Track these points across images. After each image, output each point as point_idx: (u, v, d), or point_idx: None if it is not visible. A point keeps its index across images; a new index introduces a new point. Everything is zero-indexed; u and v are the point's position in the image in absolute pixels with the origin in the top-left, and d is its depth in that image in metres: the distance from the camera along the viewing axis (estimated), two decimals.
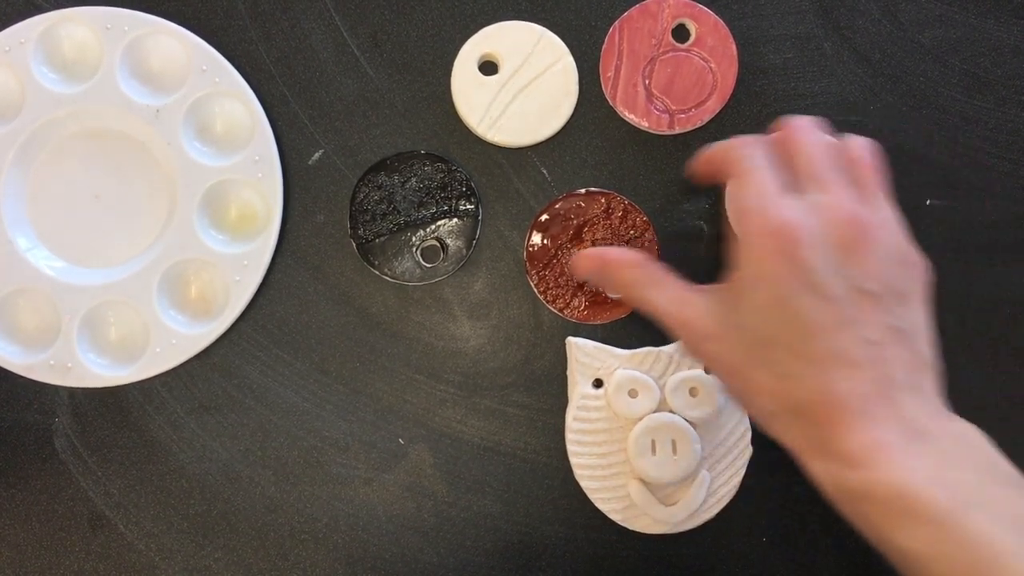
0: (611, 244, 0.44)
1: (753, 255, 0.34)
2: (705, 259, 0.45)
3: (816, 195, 0.34)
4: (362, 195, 0.44)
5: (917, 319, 0.34)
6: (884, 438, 0.31)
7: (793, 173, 0.35)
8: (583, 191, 0.44)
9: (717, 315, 0.35)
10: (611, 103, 0.45)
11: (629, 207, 0.44)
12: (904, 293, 0.34)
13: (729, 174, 0.36)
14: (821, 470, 0.33)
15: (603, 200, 0.44)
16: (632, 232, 0.44)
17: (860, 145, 0.37)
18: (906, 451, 0.31)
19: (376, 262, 0.44)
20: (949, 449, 0.31)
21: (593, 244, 0.44)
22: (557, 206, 0.44)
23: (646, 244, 0.44)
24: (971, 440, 0.32)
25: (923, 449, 0.31)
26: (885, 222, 0.35)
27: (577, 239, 0.44)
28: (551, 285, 0.44)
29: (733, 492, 0.43)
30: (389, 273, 0.44)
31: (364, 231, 0.44)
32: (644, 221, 0.44)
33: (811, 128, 0.37)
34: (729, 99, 0.44)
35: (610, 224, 0.44)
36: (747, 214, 0.34)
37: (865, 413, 0.32)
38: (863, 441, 0.31)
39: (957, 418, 0.33)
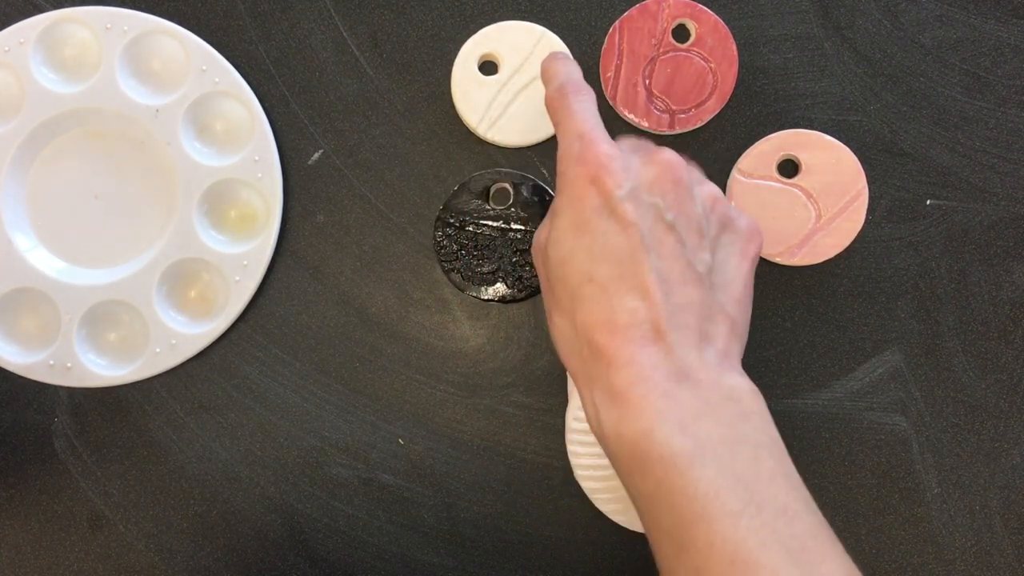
0: None
1: (566, 182, 0.34)
2: None
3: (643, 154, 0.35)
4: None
5: (729, 274, 0.34)
6: (648, 376, 0.30)
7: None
8: None
9: (545, 231, 0.36)
10: (611, 103, 0.45)
11: None
12: (718, 244, 0.34)
13: (559, 105, 0.37)
14: (589, 403, 0.32)
15: None
16: None
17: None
18: (665, 394, 0.30)
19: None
20: (712, 401, 0.30)
21: None
22: None
23: None
24: (740, 398, 0.31)
25: (684, 395, 0.30)
26: (709, 186, 0.35)
27: None
28: None
29: None
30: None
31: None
32: None
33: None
34: (729, 99, 0.44)
35: None
36: (568, 147, 0.35)
37: (639, 348, 0.31)
38: (628, 377, 0.30)
39: (739, 374, 0.32)
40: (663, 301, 0.31)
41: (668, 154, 0.34)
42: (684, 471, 0.29)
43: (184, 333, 0.44)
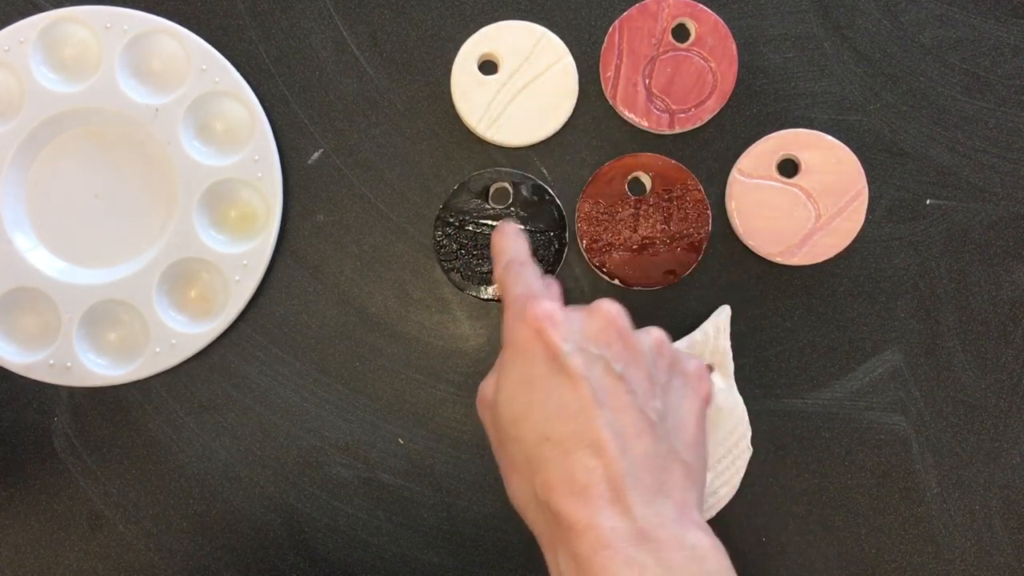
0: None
1: (511, 339, 0.34)
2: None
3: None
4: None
5: (681, 417, 0.34)
6: (609, 542, 0.30)
7: None
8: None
9: (491, 387, 0.35)
10: (611, 103, 0.45)
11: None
12: (668, 389, 0.34)
13: (505, 278, 0.38)
14: (553, 566, 0.32)
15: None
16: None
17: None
18: (627, 561, 0.30)
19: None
20: (675, 564, 0.30)
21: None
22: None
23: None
24: (703, 557, 0.31)
25: (646, 560, 0.30)
26: (655, 331, 0.35)
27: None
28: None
29: (733, 492, 0.43)
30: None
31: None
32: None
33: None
34: (729, 99, 0.44)
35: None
36: (512, 308, 0.35)
37: (597, 510, 0.30)
38: (589, 543, 0.30)
39: (699, 529, 0.31)
40: (619, 457, 0.31)
41: (608, 304, 0.34)
42: None
43: (184, 333, 0.44)
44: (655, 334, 0.35)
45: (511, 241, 0.39)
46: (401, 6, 0.45)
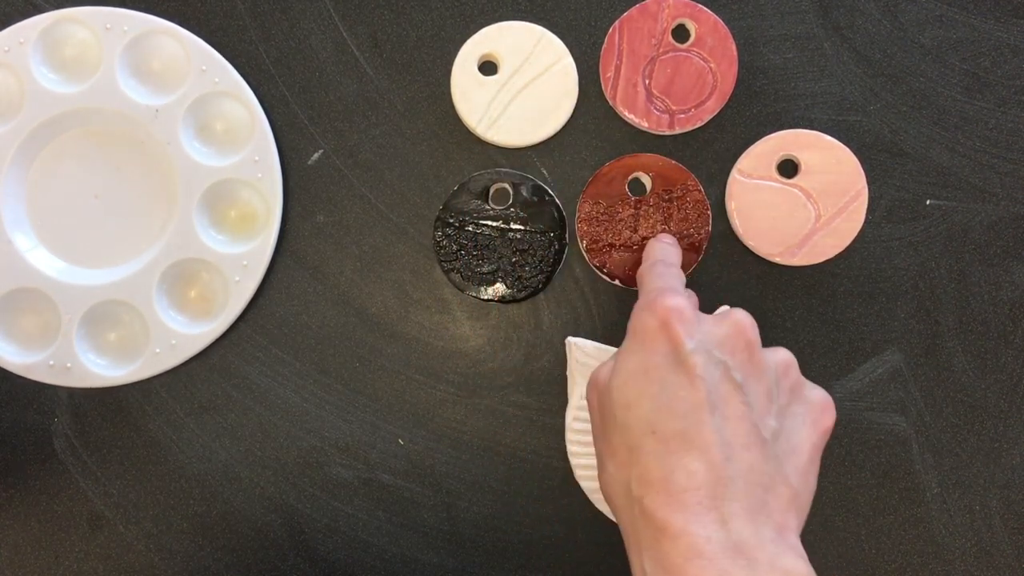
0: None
1: (636, 326, 0.34)
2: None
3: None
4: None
5: (796, 443, 0.33)
6: (703, 551, 0.29)
7: None
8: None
9: (606, 371, 0.35)
10: (611, 103, 0.45)
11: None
12: (787, 412, 0.33)
13: (646, 274, 0.38)
14: (638, 568, 0.31)
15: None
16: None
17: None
18: (721, 573, 0.28)
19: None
20: None
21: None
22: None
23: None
24: None
25: (738, 574, 0.28)
26: (783, 352, 0.35)
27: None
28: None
29: None
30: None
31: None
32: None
33: None
34: (729, 99, 0.44)
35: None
36: (643, 298, 0.35)
37: (693, 516, 0.29)
38: (682, 550, 0.29)
39: (796, 555, 0.30)
40: (723, 465, 0.30)
41: (741, 314, 0.34)
42: None
43: (184, 333, 0.44)
44: (783, 354, 0.34)
45: (664, 247, 0.40)
46: (401, 7, 0.45)
